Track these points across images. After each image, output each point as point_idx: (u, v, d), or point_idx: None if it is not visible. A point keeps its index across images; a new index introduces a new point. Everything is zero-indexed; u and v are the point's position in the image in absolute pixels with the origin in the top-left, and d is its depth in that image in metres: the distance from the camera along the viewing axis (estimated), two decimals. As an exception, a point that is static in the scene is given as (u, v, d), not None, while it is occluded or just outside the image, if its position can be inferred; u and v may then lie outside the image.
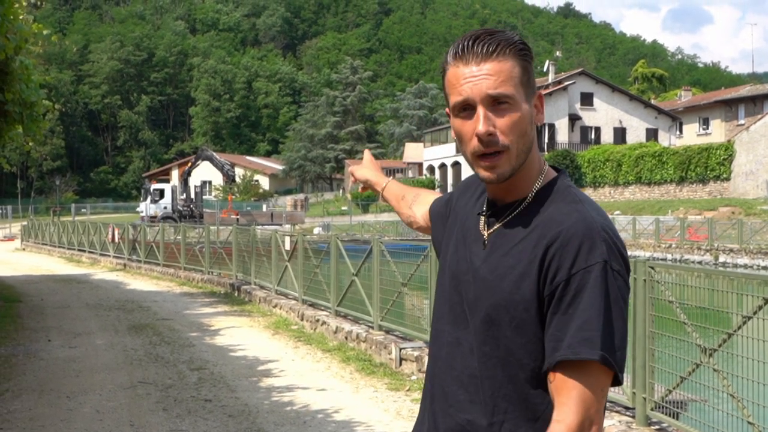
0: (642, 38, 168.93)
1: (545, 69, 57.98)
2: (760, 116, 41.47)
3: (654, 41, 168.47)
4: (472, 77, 1.51)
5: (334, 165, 74.97)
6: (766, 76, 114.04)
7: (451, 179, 54.00)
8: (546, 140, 50.58)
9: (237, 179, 58.45)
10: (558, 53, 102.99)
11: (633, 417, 5.55)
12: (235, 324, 11.38)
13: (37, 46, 10.01)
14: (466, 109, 1.53)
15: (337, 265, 10.40)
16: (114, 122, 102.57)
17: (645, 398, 5.42)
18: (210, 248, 17.78)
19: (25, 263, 25.20)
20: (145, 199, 41.49)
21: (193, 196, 41.08)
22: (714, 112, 54.78)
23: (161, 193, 41.42)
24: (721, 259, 28.18)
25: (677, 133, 56.21)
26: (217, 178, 58.14)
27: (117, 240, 23.80)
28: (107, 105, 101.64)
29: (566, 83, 52.44)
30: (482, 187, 1.69)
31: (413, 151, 64.03)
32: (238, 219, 35.94)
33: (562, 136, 51.71)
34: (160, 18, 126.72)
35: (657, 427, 5.45)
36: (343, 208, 56.29)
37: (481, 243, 1.60)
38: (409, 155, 64.73)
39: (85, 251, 26.45)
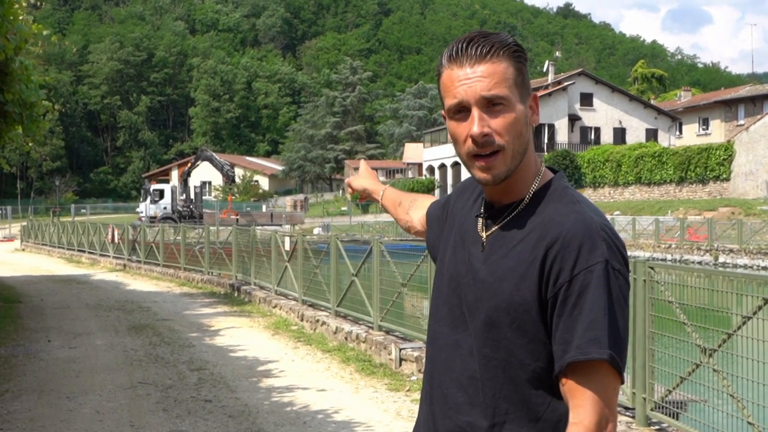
0: (641, 38, 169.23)
1: (545, 69, 57.99)
2: (759, 116, 41.47)
3: (654, 41, 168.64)
4: (466, 79, 1.52)
5: (333, 165, 74.99)
6: (766, 77, 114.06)
7: (451, 180, 53.97)
8: (546, 140, 50.59)
9: (237, 180, 58.47)
10: (557, 53, 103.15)
11: (633, 417, 5.55)
12: (235, 324, 11.38)
13: (36, 47, 10.00)
14: (461, 111, 1.54)
15: (337, 265, 10.40)
16: (114, 123, 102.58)
17: (645, 398, 5.42)
18: (210, 249, 17.78)
19: (25, 264, 25.20)
20: (145, 200, 41.49)
21: (192, 196, 41.09)
22: (714, 113, 54.78)
23: (161, 194, 41.42)
24: (721, 260, 28.18)
25: (677, 133, 56.21)
26: (216, 178, 58.16)
27: (117, 240, 23.79)
28: (107, 105, 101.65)
29: (566, 83, 52.43)
30: (479, 189, 1.69)
31: (413, 152, 64.03)
32: (237, 219, 35.96)
33: (562, 136, 51.69)
34: (160, 18, 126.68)
35: (657, 428, 5.45)
36: (343, 209, 56.32)
37: (479, 245, 1.60)
38: (409, 156, 64.73)
39: (85, 252, 26.44)
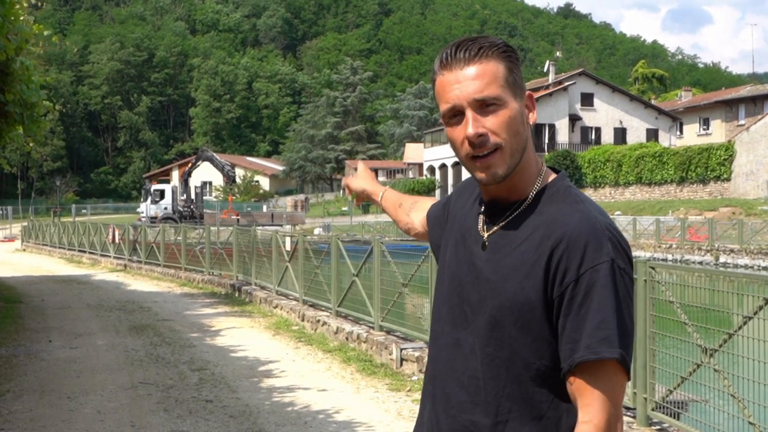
0: (642, 39, 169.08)
1: (545, 69, 57.99)
2: (760, 116, 41.46)
3: (654, 41, 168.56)
4: (457, 83, 1.53)
5: (334, 165, 75.01)
6: (766, 77, 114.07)
7: (452, 180, 53.96)
8: (546, 140, 50.59)
9: (237, 180, 58.51)
10: (558, 53, 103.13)
11: (634, 417, 5.55)
12: (236, 325, 11.38)
13: (37, 47, 10.00)
14: (456, 115, 1.54)
15: (338, 265, 10.40)
16: (114, 123, 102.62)
17: (646, 398, 5.42)
18: (210, 249, 17.79)
19: (26, 264, 25.21)
20: (146, 200, 41.50)
21: (193, 196, 41.09)
22: (714, 113, 54.76)
23: (162, 194, 41.42)
24: (722, 260, 28.17)
25: (677, 133, 56.19)
26: (217, 178, 58.19)
27: (117, 241, 23.79)
28: (107, 105, 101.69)
29: (566, 83, 52.42)
30: (479, 188, 1.69)
31: (413, 152, 64.04)
32: (238, 219, 35.95)
33: (563, 136, 51.68)
34: (161, 19, 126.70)
35: (658, 428, 5.45)
36: (344, 209, 56.33)
37: (480, 244, 1.60)
38: (410, 156, 64.74)
39: (86, 252, 26.45)
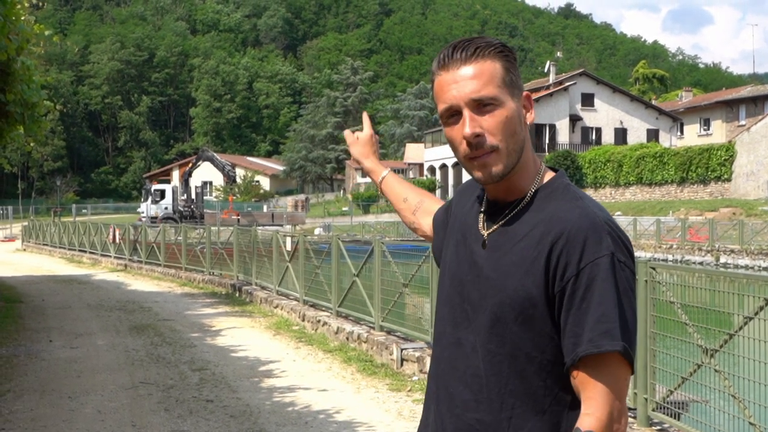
0: (642, 39, 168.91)
1: (546, 70, 57.97)
2: (761, 117, 41.45)
3: (655, 42, 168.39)
4: (454, 83, 1.54)
5: (334, 165, 75.01)
6: (767, 77, 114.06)
7: (452, 180, 53.99)
8: (547, 141, 50.60)
9: (238, 180, 58.45)
10: (559, 54, 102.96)
11: (634, 417, 5.55)
12: (237, 324, 11.39)
13: (38, 47, 9.98)
14: (454, 115, 1.55)
15: (338, 265, 10.41)
16: (114, 123, 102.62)
17: (646, 399, 5.42)
18: (211, 249, 17.80)
19: (26, 264, 25.21)
20: (146, 200, 41.52)
21: (193, 196, 41.11)
22: (715, 113, 54.76)
23: (162, 194, 41.44)
24: (722, 260, 28.16)
25: (678, 133, 56.19)
26: (217, 178, 58.19)
27: (118, 240, 23.80)
28: (108, 105, 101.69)
29: (567, 84, 52.42)
30: (480, 189, 1.70)
31: (414, 152, 64.06)
32: (239, 219, 35.97)
33: (563, 136, 51.68)
34: (161, 19, 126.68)
35: (658, 428, 5.45)
36: (344, 209, 56.33)
37: (481, 243, 1.61)
38: (410, 156, 64.76)
39: (86, 252, 26.45)
